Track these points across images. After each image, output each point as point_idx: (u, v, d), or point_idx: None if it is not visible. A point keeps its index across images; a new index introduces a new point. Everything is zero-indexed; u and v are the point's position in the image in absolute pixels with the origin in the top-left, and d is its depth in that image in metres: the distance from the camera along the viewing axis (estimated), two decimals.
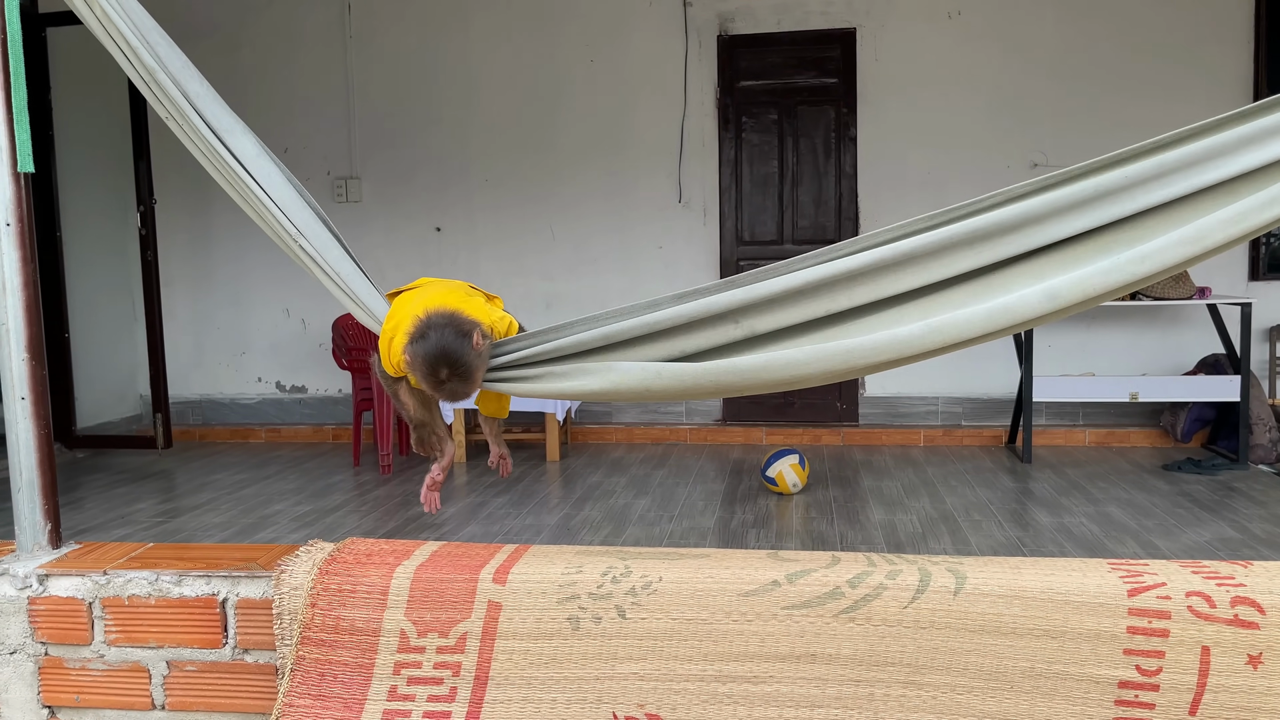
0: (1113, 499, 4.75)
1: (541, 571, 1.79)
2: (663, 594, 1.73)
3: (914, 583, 1.69)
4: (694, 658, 1.72)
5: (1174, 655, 1.61)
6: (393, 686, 1.77)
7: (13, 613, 1.89)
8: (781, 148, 6.38)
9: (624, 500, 4.93)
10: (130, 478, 5.66)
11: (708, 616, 1.72)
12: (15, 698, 1.92)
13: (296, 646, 1.78)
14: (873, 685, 1.68)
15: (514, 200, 6.56)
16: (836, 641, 1.69)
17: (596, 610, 1.75)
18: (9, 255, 1.93)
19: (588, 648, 1.75)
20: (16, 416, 1.93)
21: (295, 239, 1.88)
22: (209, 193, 6.81)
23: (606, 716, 1.73)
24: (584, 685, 1.74)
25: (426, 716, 1.75)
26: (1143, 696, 1.62)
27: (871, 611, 1.68)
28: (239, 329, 6.92)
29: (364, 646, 1.78)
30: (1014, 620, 1.65)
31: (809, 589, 1.70)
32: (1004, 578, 1.68)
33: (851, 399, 6.47)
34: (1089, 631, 1.63)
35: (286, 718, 1.76)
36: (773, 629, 1.70)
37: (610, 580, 1.76)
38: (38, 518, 1.97)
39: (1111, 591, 1.64)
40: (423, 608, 1.79)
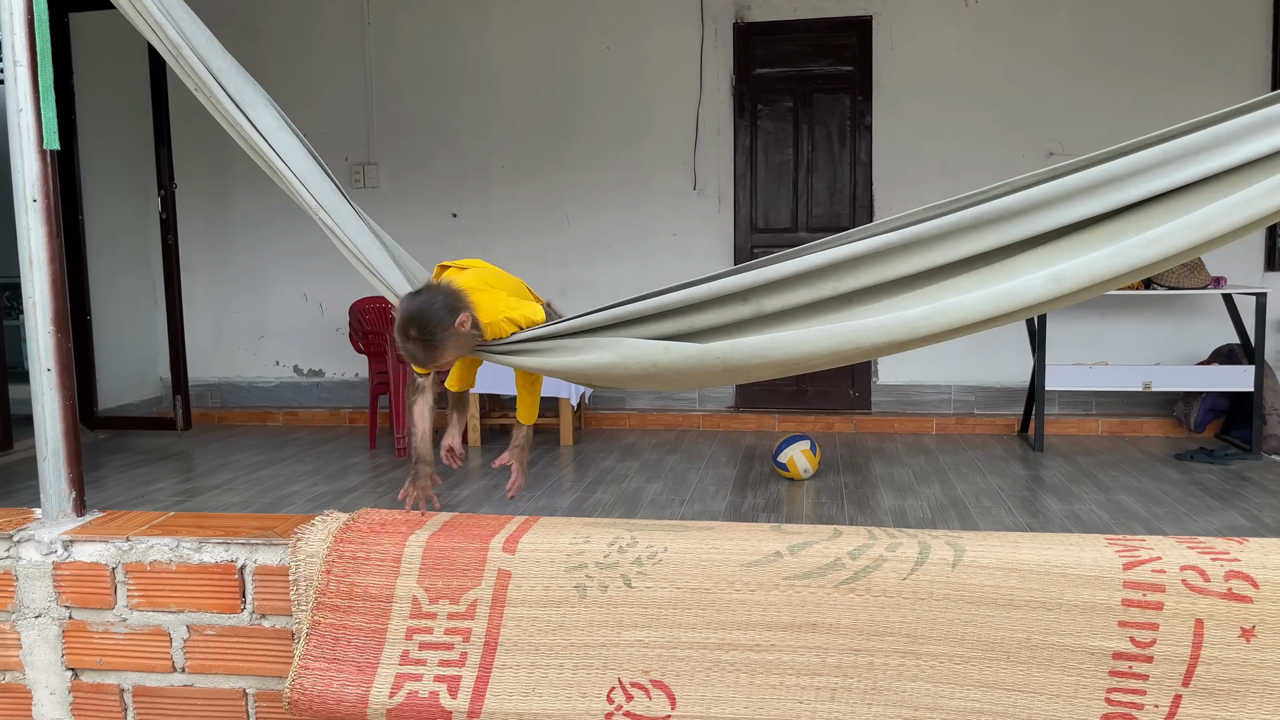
0: (1124, 487, 4.76)
1: (550, 541, 1.83)
2: (668, 564, 1.77)
3: (913, 555, 1.72)
4: (698, 626, 1.76)
5: (1168, 628, 1.64)
6: (405, 651, 1.82)
7: (38, 577, 1.95)
8: (797, 135, 6.39)
9: (636, 484, 4.98)
10: (150, 458, 5.74)
11: (711, 586, 1.76)
12: (40, 660, 1.98)
13: (312, 611, 1.83)
14: (872, 655, 1.72)
15: (530, 187, 6.60)
16: (837, 611, 1.73)
17: (603, 579, 1.79)
18: (35, 231, 1.98)
19: (594, 615, 1.79)
20: (43, 387, 1.99)
21: (315, 211, 1.92)
22: (229, 178, 6.88)
23: (612, 682, 1.77)
24: (590, 652, 1.78)
25: (438, 680, 1.80)
26: (1137, 668, 1.66)
27: (871, 582, 1.72)
28: (257, 313, 7.00)
29: (377, 612, 1.83)
30: (1011, 592, 1.68)
31: (810, 560, 1.74)
32: (1002, 551, 1.71)
33: (864, 387, 6.49)
34: (1084, 604, 1.66)
35: (302, 679, 1.81)
36: (775, 599, 1.74)
37: (616, 550, 1.80)
38: (63, 486, 2.02)
39: (1107, 565, 1.66)
40: (434, 575, 1.83)
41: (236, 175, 6.85)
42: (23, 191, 1.96)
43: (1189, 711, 1.65)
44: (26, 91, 1.95)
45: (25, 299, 1.99)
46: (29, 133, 1.95)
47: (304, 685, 1.81)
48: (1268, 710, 1.63)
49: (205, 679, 1.95)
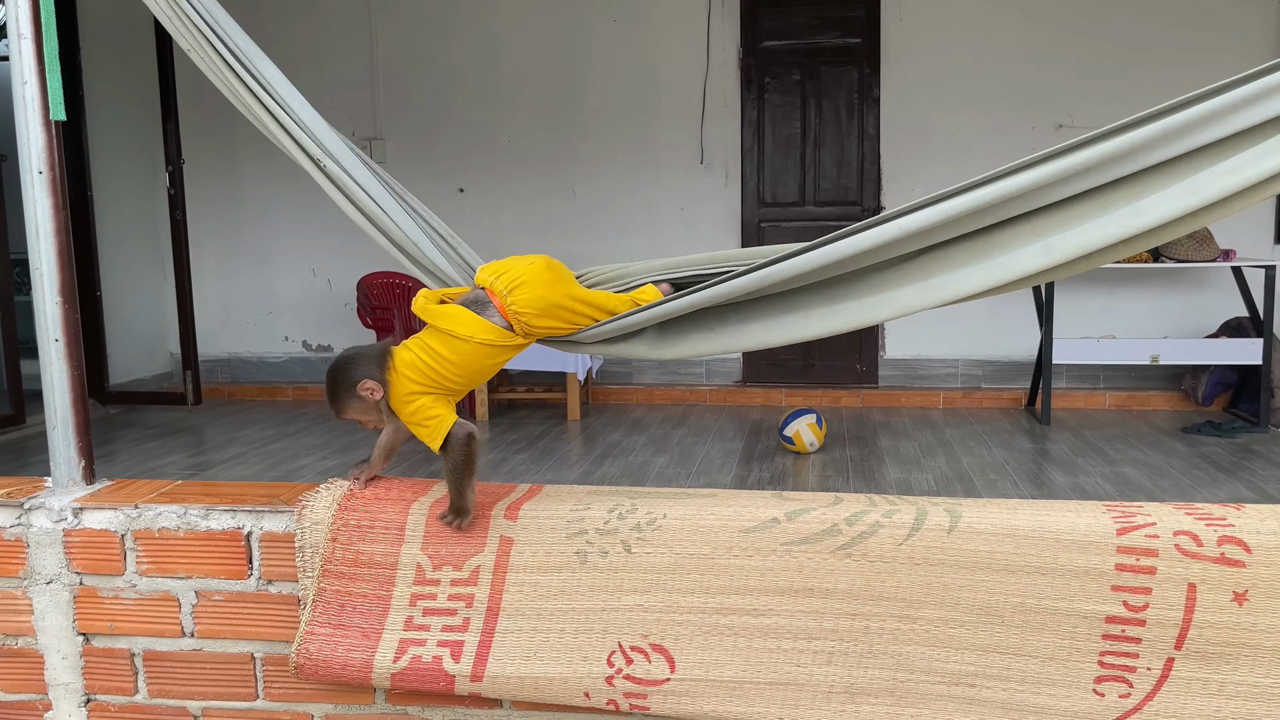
0: (1130, 460, 4.76)
1: (551, 509, 1.85)
2: (666, 529, 1.79)
3: (909, 521, 1.74)
4: (696, 591, 1.79)
5: (1160, 592, 1.66)
6: (409, 617, 1.84)
7: (49, 544, 1.98)
8: (804, 109, 6.37)
9: (643, 458, 5.00)
10: (161, 433, 5.79)
11: (709, 551, 1.78)
12: (51, 625, 2.01)
13: (318, 578, 1.86)
14: (868, 619, 1.75)
15: (536, 161, 6.59)
16: (834, 576, 1.75)
17: (603, 545, 1.81)
18: (41, 203, 2.00)
19: (594, 580, 1.81)
20: (51, 357, 2.02)
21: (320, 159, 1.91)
22: (236, 154, 6.89)
23: (612, 646, 1.80)
24: (591, 616, 1.81)
25: (441, 645, 1.83)
26: (1129, 631, 1.68)
27: (868, 548, 1.74)
28: (266, 289, 7.03)
29: (382, 579, 1.86)
30: (1006, 557, 1.70)
31: (807, 526, 1.76)
32: (998, 517, 1.72)
33: (871, 361, 6.49)
34: (1078, 568, 1.68)
35: (307, 644, 1.84)
36: (772, 564, 1.77)
37: (616, 517, 1.82)
38: (72, 454, 2.05)
39: (1101, 530, 1.68)
40: (438, 542, 1.86)
41: (244, 151, 6.86)
42: (29, 163, 1.98)
43: (1181, 673, 1.67)
44: (31, 63, 1.97)
45: (33, 270, 2.01)
46: (34, 104, 1.97)
47: (309, 650, 1.84)
48: (1259, 672, 1.64)
49: (214, 643, 1.98)
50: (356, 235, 7.30)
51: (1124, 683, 1.69)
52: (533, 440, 5.45)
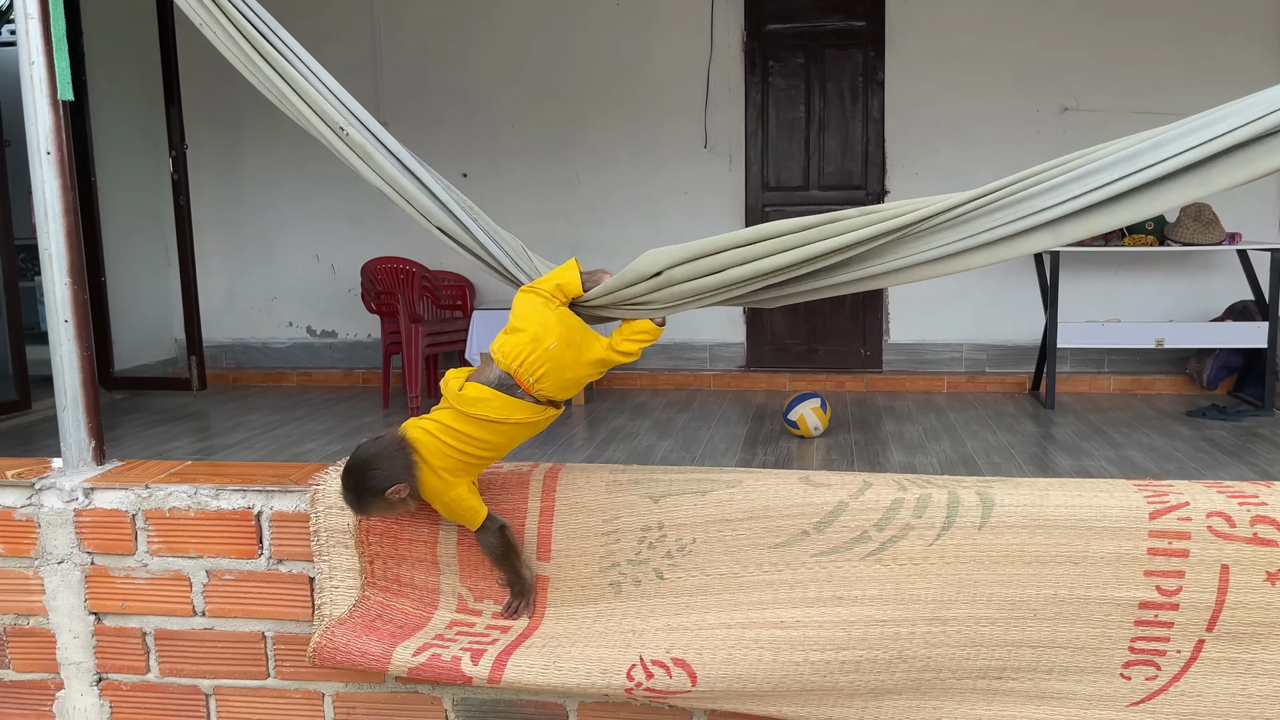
0: (1134, 444, 4.76)
1: (581, 545, 1.82)
2: (696, 554, 1.78)
3: (940, 521, 1.70)
4: (725, 608, 1.77)
5: (1193, 575, 1.64)
6: (440, 634, 1.84)
7: (60, 524, 1.99)
8: (808, 92, 6.34)
9: (647, 442, 5.01)
10: (166, 418, 5.81)
11: (740, 570, 1.77)
12: (63, 604, 2.02)
13: (362, 588, 1.87)
14: (898, 625, 1.72)
15: (540, 146, 6.58)
16: (863, 584, 1.72)
17: (636, 574, 1.81)
18: (50, 183, 1.99)
19: (628, 607, 1.81)
20: (60, 338, 2.02)
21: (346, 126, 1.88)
22: (239, 139, 6.88)
23: (633, 660, 1.77)
24: (618, 636, 1.80)
25: (463, 650, 1.80)
26: (1162, 616, 1.66)
27: (898, 552, 1.71)
28: (270, 274, 7.03)
29: (426, 601, 1.88)
30: (1037, 550, 1.68)
31: (836, 536, 1.73)
32: (1029, 504, 1.70)
33: (875, 345, 6.49)
34: (1110, 555, 1.66)
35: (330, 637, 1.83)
36: (801, 576, 1.74)
37: (646, 546, 1.80)
38: (82, 435, 2.06)
39: (1134, 515, 1.65)
40: (475, 577, 1.86)
41: (247, 137, 6.84)
42: (37, 144, 1.98)
43: (1210, 654, 1.67)
44: (38, 43, 1.96)
45: (41, 251, 2.01)
46: (41, 85, 1.96)
47: (330, 644, 1.83)
48: None
49: (225, 623, 1.99)
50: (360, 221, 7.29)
51: (1152, 665, 1.68)
52: None
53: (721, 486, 1.81)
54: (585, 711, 1.91)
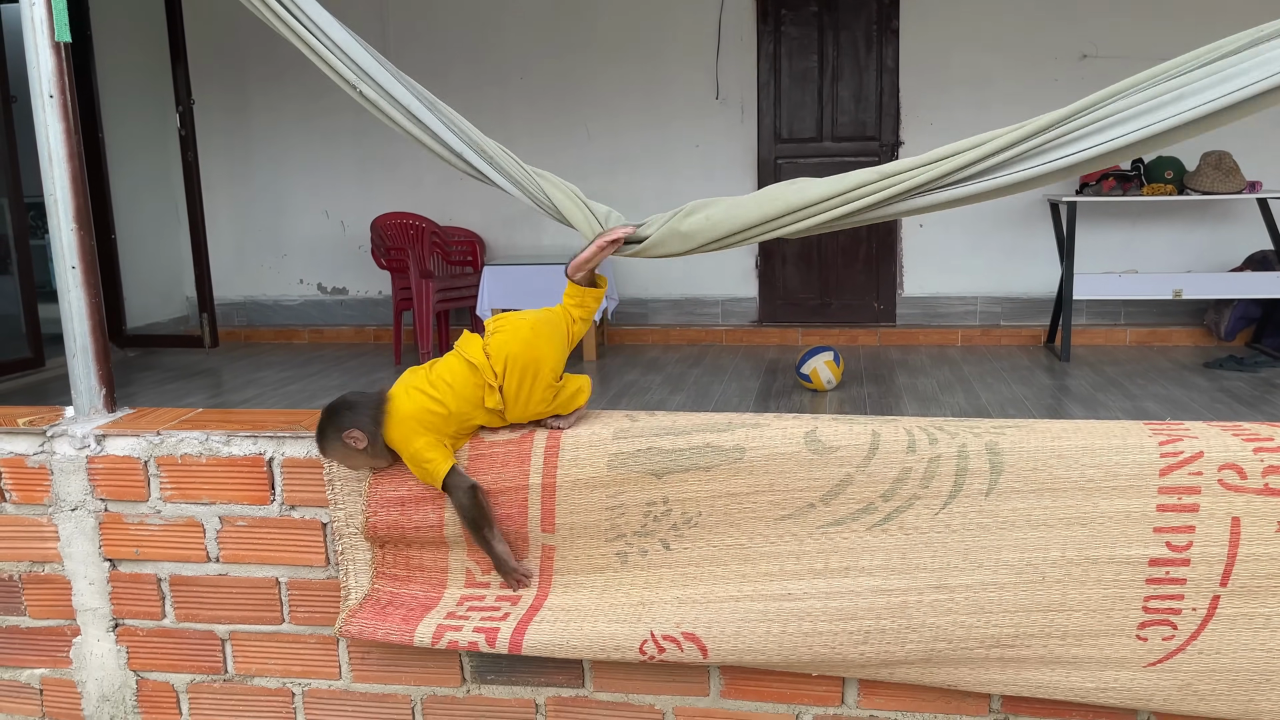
0: (1150, 395, 4.73)
1: (585, 519, 1.80)
2: (702, 526, 1.76)
3: (948, 487, 1.68)
4: (731, 579, 1.76)
5: (1204, 529, 1.62)
6: (452, 611, 1.85)
7: (73, 471, 1.99)
8: (822, 41, 6.24)
9: (659, 396, 4.99)
10: (179, 375, 5.82)
11: (746, 542, 1.75)
12: (78, 551, 2.03)
13: (371, 580, 1.87)
14: (905, 594, 1.70)
15: (549, 98, 6.50)
16: (869, 554, 1.71)
17: (642, 545, 1.79)
18: (53, 127, 1.97)
19: (635, 577, 1.80)
20: (68, 285, 2.01)
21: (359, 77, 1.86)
22: (246, 96, 6.82)
23: (645, 635, 1.77)
24: (628, 609, 1.79)
25: (477, 631, 1.81)
26: (1174, 572, 1.64)
27: (904, 521, 1.70)
28: (279, 231, 7.01)
29: (434, 581, 1.88)
30: (1044, 512, 1.66)
31: (843, 507, 1.71)
32: (1043, 445, 1.66)
33: (889, 299, 6.44)
34: (1118, 514, 1.63)
35: (349, 627, 1.85)
36: (808, 547, 1.73)
37: (652, 520, 1.78)
38: (93, 382, 2.05)
39: (1144, 472, 1.63)
40: (481, 552, 1.85)
41: (254, 93, 6.79)
42: (39, 87, 1.95)
43: (1227, 610, 1.64)
44: None
45: (47, 196, 1.99)
46: (42, 26, 1.93)
47: (350, 631, 1.86)
48: None
49: (239, 568, 1.99)
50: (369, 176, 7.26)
51: (1168, 625, 1.66)
52: None
53: (725, 459, 1.75)
54: (600, 664, 1.91)
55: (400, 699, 2.00)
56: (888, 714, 1.85)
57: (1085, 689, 1.71)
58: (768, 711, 1.88)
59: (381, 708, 2.01)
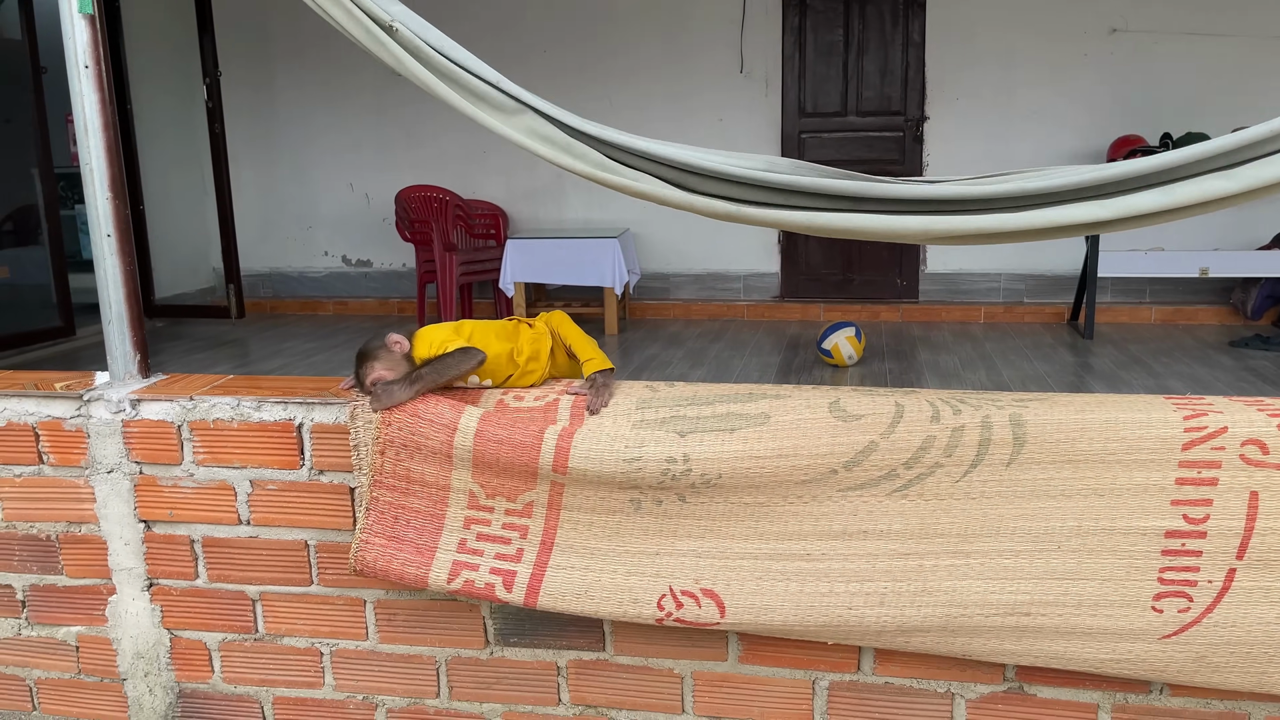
0: (1174, 374, 4.71)
1: (600, 469, 1.75)
2: (722, 486, 1.75)
3: (970, 456, 1.69)
4: (750, 536, 1.77)
5: (1222, 502, 1.63)
6: (462, 540, 1.84)
7: (109, 434, 2.04)
8: (847, 14, 6.19)
9: (680, 370, 5.02)
10: (207, 344, 5.90)
11: (765, 500, 1.76)
12: (114, 512, 2.08)
13: (370, 489, 1.84)
14: (922, 558, 1.73)
15: (572, 70, 6.49)
16: (889, 519, 1.72)
17: (657, 496, 1.78)
18: (89, 97, 2.00)
19: (648, 525, 1.79)
20: (104, 252, 2.05)
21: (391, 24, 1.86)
22: (272, 69, 6.86)
23: (663, 589, 1.79)
24: (643, 560, 1.80)
25: (494, 573, 1.82)
26: (1190, 545, 1.65)
27: (924, 489, 1.71)
28: (305, 203, 7.06)
29: (435, 499, 1.84)
30: (1064, 483, 1.67)
31: (864, 474, 1.72)
32: (1068, 417, 1.67)
33: (912, 275, 6.42)
34: (1137, 485, 1.64)
35: (364, 553, 1.85)
36: (827, 509, 1.74)
37: (670, 478, 1.74)
38: (128, 348, 2.10)
39: (1165, 445, 1.64)
40: (489, 474, 1.81)
41: (279, 66, 6.82)
42: (74, 57, 1.98)
43: (1243, 584, 1.65)
44: None
45: (82, 165, 2.03)
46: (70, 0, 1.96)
47: (365, 559, 1.84)
48: None
49: (269, 531, 2.04)
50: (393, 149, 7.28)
51: (1184, 597, 1.67)
52: None
53: (750, 424, 1.76)
54: (620, 626, 1.95)
55: (425, 660, 2.05)
56: (903, 681, 1.88)
57: (1100, 660, 1.73)
58: (785, 677, 1.92)
59: (407, 668, 2.06)
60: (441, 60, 1.89)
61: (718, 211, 1.84)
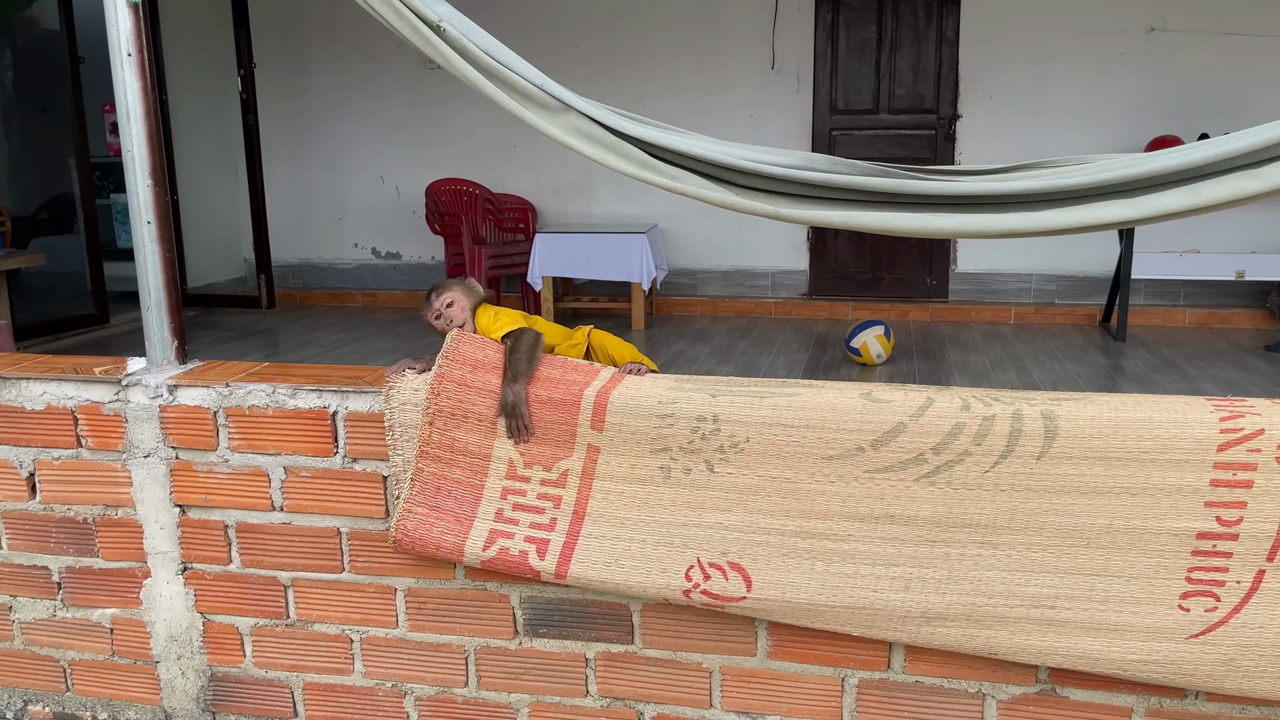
0: (1208, 377, 4.65)
1: (635, 422, 1.82)
2: (749, 454, 1.78)
3: (1000, 447, 1.68)
4: (776, 513, 1.78)
5: (1256, 505, 1.61)
6: (499, 509, 1.88)
7: (146, 419, 2.07)
8: (880, 11, 6.15)
9: (706, 367, 5.01)
10: (238, 334, 5.95)
11: (791, 475, 1.77)
12: (150, 496, 2.11)
13: (416, 459, 1.89)
14: (948, 546, 1.72)
15: (603, 66, 6.49)
16: (915, 504, 1.72)
17: (686, 463, 1.81)
18: (131, 85, 2.03)
19: (677, 495, 1.82)
20: (144, 239, 2.07)
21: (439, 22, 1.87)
22: (305, 61, 6.90)
23: (691, 561, 1.81)
24: (672, 530, 1.82)
25: (528, 541, 1.86)
26: (1220, 546, 1.64)
27: (952, 476, 1.70)
28: (335, 195, 7.10)
29: (476, 468, 1.89)
30: (1096, 480, 1.66)
31: (892, 455, 1.72)
32: (1101, 415, 1.66)
33: (942, 275, 6.37)
34: (1171, 486, 1.63)
35: (405, 521, 1.89)
36: (854, 490, 1.74)
37: (700, 438, 1.79)
38: (166, 334, 2.12)
39: (1201, 446, 1.62)
40: (529, 441, 1.88)
41: (312, 59, 6.86)
42: (118, 45, 2.00)
43: (1272, 585, 1.64)
44: None
45: (124, 153, 2.05)
46: None
47: (406, 527, 1.90)
48: None
49: (302, 518, 2.06)
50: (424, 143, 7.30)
51: (1211, 597, 1.66)
52: None
53: (781, 395, 1.81)
54: (648, 612, 1.95)
55: (454, 649, 2.06)
56: (934, 680, 1.87)
57: (1128, 660, 1.71)
58: (814, 674, 1.91)
59: (436, 656, 2.07)
60: (488, 60, 1.92)
61: (758, 210, 1.85)
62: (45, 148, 5.94)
